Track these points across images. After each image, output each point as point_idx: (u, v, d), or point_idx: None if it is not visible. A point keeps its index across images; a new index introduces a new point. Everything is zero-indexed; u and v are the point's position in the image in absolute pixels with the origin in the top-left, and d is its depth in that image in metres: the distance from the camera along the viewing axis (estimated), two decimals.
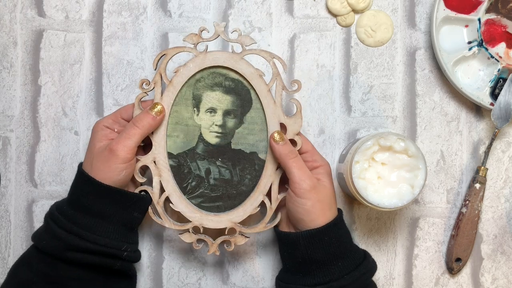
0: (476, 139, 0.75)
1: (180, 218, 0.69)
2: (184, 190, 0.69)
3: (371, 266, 0.66)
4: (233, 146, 0.69)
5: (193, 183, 0.69)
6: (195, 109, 0.68)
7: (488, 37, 0.73)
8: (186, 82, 0.67)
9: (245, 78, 0.67)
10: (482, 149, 0.75)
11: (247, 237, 0.69)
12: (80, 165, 0.67)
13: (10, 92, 0.75)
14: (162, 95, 0.67)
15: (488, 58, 0.72)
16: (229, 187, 0.69)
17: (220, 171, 0.69)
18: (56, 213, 0.65)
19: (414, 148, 0.65)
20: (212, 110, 0.68)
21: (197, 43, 0.67)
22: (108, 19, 0.75)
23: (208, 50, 0.67)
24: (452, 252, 0.73)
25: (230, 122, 0.68)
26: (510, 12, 0.73)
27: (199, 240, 0.69)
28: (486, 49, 0.72)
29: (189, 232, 0.68)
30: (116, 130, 0.67)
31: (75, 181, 0.67)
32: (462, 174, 0.75)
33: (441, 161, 0.75)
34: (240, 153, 0.69)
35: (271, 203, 0.68)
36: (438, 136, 0.75)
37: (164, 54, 0.67)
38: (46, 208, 0.71)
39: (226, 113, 0.68)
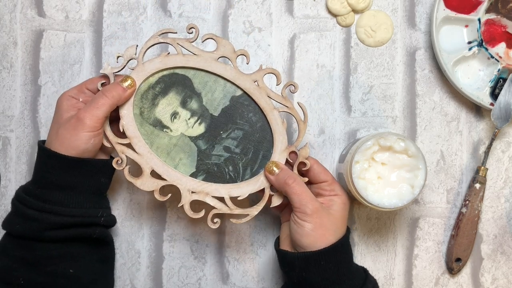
0: (476, 139, 0.75)
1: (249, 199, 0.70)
2: (232, 179, 0.68)
3: None
4: (216, 114, 0.68)
5: (230, 168, 0.68)
6: (164, 130, 0.67)
7: (488, 37, 0.73)
8: (137, 125, 0.67)
9: (161, 72, 0.68)
10: (482, 149, 0.75)
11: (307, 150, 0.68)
12: (40, 143, 0.66)
13: (10, 92, 0.75)
14: (137, 153, 0.66)
15: (488, 58, 0.72)
16: (251, 136, 0.68)
17: (233, 137, 0.68)
18: (23, 194, 0.64)
19: (414, 148, 0.65)
20: (173, 115, 0.68)
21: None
22: (108, 19, 0.75)
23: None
24: (452, 252, 0.73)
25: (194, 104, 0.68)
26: (510, 12, 0.73)
27: (274, 196, 0.67)
28: (486, 49, 0.72)
29: (270, 197, 0.67)
30: (81, 100, 0.66)
31: (37, 159, 0.66)
32: (462, 174, 0.75)
33: (441, 161, 0.75)
34: (226, 110, 0.68)
35: (286, 106, 0.67)
36: (438, 136, 0.75)
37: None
38: None
39: (183, 104, 0.67)
